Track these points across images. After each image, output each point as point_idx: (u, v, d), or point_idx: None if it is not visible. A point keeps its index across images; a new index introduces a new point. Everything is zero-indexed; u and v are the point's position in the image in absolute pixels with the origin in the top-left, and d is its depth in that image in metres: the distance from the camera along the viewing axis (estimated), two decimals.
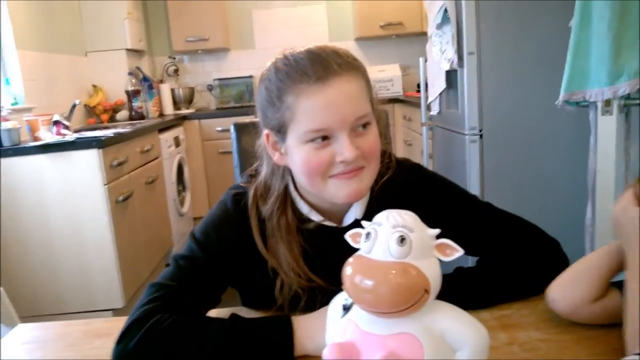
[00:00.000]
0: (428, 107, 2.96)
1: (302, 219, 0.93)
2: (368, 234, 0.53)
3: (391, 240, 0.51)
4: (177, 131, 3.91)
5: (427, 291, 0.50)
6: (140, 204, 2.99)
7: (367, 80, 0.86)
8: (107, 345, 0.78)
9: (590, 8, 1.60)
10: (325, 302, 0.81)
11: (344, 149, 0.81)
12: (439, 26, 2.58)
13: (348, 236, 0.59)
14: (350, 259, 0.53)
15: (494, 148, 2.31)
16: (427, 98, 2.94)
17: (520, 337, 0.81)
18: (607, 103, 1.61)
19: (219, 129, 4.11)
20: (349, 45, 4.55)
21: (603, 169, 1.67)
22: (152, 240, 3.18)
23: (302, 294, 0.91)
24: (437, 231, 0.53)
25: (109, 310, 2.62)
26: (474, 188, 2.33)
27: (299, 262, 0.91)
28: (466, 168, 2.37)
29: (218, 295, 0.91)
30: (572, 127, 2.12)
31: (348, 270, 0.52)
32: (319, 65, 0.81)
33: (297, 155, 0.84)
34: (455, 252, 0.52)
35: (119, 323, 0.81)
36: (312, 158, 0.82)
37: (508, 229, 0.99)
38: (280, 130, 0.85)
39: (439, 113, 2.83)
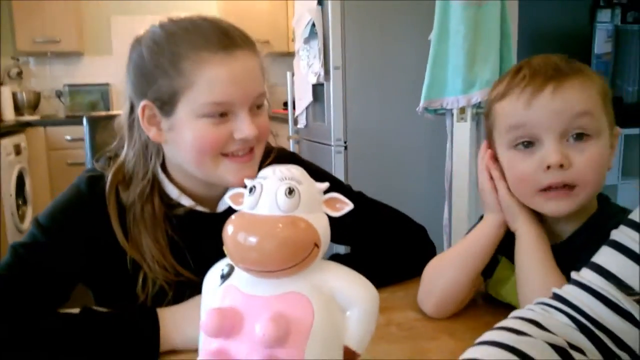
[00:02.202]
0: (295, 121, 2.99)
1: (171, 205, 0.85)
2: (252, 189, 0.48)
3: (279, 192, 0.46)
4: (18, 138, 3.50)
5: (317, 245, 0.46)
6: None
7: (261, 59, 0.82)
8: None
9: (447, 23, 1.74)
10: None
11: (244, 126, 0.76)
12: (307, 41, 2.63)
13: (228, 197, 0.53)
14: (232, 217, 0.48)
15: (359, 158, 2.40)
16: (294, 113, 2.97)
17: (397, 318, 0.80)
18: (462, 111, 1.75)
19: (69, 138, 3.76)
20: None
21: (458, 171, 1.80)
22: None
23: (168, 289, 0.82)
24: (325, 185, 0.50)
25: None
26: None
27: (166, 253, 0.82)
28: None
29: (65, 291, 0.79)
30: (430, 134, 2.27)
31: (229, 229, 0.47)
32: (223, 35, 0.75)
33: (188, 130, 0.76)
34: (345, 206, 0.49)
35: None
36: (208, 134, 0.75)
37: (379, 217, 1.01)
38: (168, 102, 0.76)
39: (305, 126, 2.87)
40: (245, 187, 0.49)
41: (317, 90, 2.62)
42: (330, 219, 0.95)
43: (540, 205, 0.72)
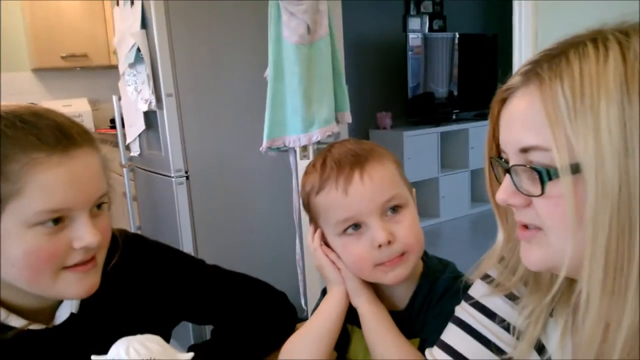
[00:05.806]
0: (127, 148, 2.79)
1: None
2: None
3: None
4: None
5: None
6: None
7: (101, 155, 0.75)
8: None
9: (282, 64, 1.74)
10: None
11: (85, 232, 0.68)
12: (132, 65, 2.46)
13: None
14: None
15: (203, 189, 2.31)
16: (124, 138, 2.77)
17: None
18: (304, 148, 1.78)
19: None
20: (26, 77, 3.99)
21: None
22: None
23: None
24: (190, 355, 0.47)
25: None
26: (185, 230, 2.29)
27: None
28: (175, 210, 2.30)
29: None
30: (276, 168, 2.27)
31: None
32: (59, 132, 0.67)
33: (16, 243, 0.65)
34: None
35: None
36: (43, 246, 0.66)
37: (238, 291, 0.98)
38: None
39: (140, 155, 2.69)
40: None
41: (150, 117, 2.47)
42: (188, 298, 0.89)
43: (381, 277, 0.78)
